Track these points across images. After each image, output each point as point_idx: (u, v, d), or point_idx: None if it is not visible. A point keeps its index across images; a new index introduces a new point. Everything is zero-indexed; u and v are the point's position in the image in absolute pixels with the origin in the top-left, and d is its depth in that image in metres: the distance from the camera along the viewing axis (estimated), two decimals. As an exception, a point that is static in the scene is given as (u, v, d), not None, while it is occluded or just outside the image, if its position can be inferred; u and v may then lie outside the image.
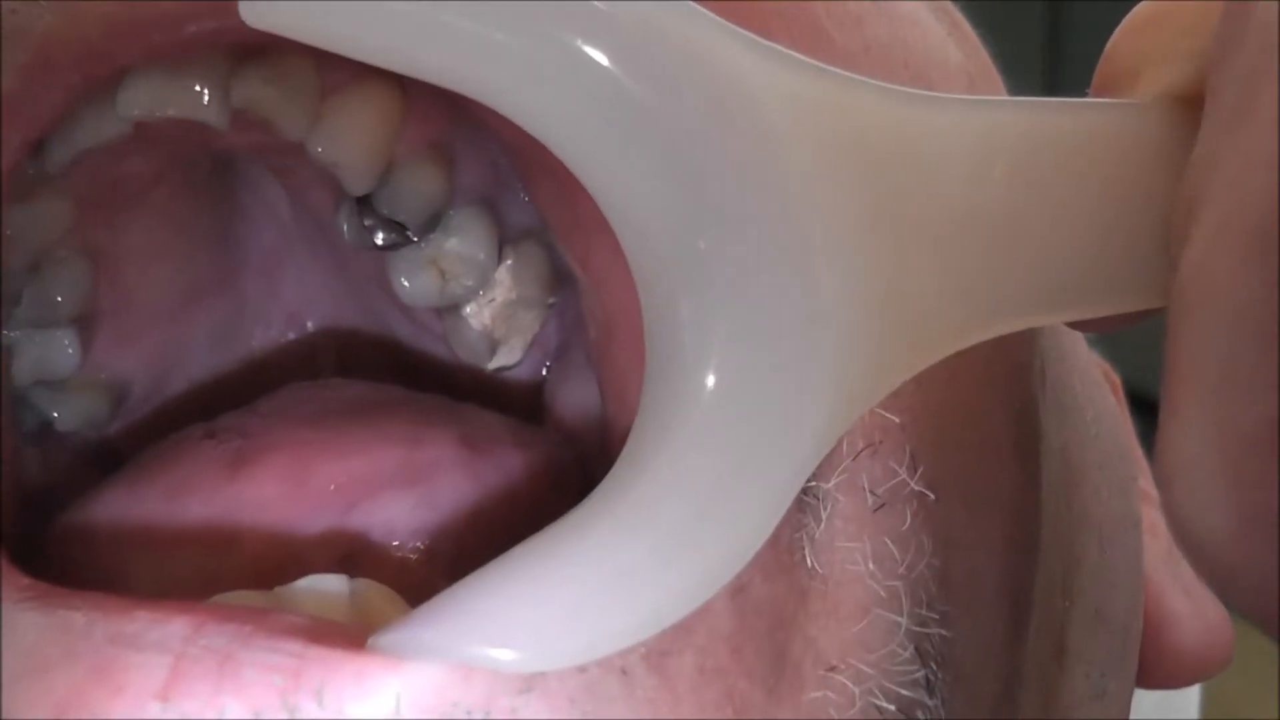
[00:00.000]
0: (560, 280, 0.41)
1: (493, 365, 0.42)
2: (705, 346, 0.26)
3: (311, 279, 0.47)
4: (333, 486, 0.36)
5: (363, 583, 0.31)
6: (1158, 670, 0.46)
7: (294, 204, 0.46)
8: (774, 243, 0.26)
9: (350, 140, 0.36)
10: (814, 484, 0.32)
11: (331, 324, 0.48)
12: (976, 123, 0.28)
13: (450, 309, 0.41)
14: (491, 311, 0.41)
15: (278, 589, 0.31)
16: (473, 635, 0.25)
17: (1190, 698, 0.78)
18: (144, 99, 0.34)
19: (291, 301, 0.48)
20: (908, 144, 0.27)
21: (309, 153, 0.36)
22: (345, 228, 0.40)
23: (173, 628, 0.27)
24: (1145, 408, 0.50)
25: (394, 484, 0.36)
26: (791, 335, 0.26)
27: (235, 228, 0.46)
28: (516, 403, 0.43)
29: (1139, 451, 0.48)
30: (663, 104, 0.25)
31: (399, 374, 0.46)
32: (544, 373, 0.43)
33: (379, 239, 0.39)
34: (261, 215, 0.46)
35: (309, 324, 0.48)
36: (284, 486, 0.36)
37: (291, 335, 0.48)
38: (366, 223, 0.39)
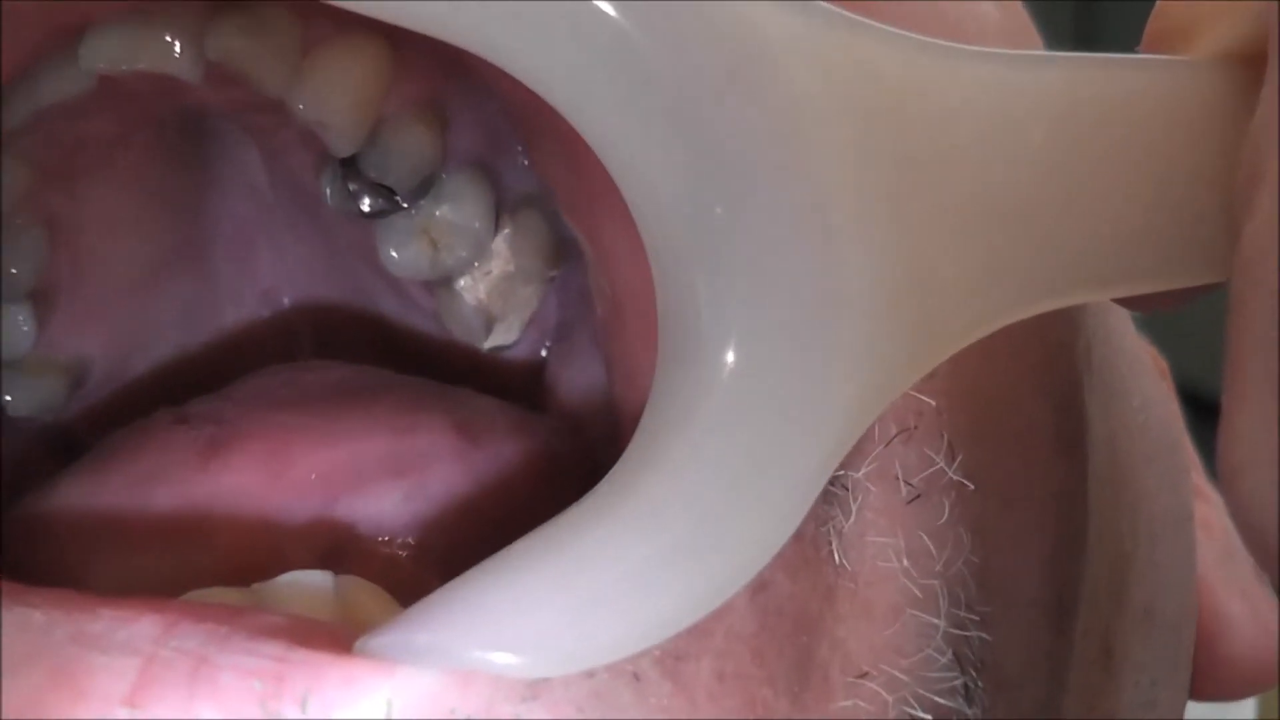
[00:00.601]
0: (563, 251, 0.41)
1: (488, 344, 0.42)
2: (723, 324, 0.26)
3: (289, 251, 0.48)
4: (315, 476, 0.36)
5: (349, 580, 0.31)
6: (1210, 679, 0.47)
7: (271, 168, 0.46)
8: (796, 212, 0.26)
9: (334, 96, 0.36)
10: (843, 473, 0.32)
11: (311, 300, 0.48)
12: (1016, 81, 0.28)
13: (442, 283, 0.41)
14: (487, 285, 0.41)
15: (256, 586, 0.31)
16: (471, 637, 0.25)
17: (1245, 710, 0.78)
18: (110, 51, 0.34)
19: (267, 276, 0.48)
20: (941, 104, 0.27)
21: (290, 110, 0.36)
22: (328, 193, 0.40)
23: (141, 627, 0.27)
24: (1194, 402, 0.51)
25: (382, 474, 0.36)
26: (817, 312, 0.26)
27: (206, 194, 0.46)
28: (514, 386, 0.43)
29: (1189, 443, 0.49)
30: (674, 60, 0.25)
31: (385, 355, 0.46)
32: (544, 353, 0.43)
33: (365, 205, 0.39)
34: (235, 181, 0.46)
35: (286, 300, 0.48)
36: (262, 476, 0.36)
37: (267, 313, 0.48)
38: (351, 188, 0.39)
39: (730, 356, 0.26)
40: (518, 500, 0.37)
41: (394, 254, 0.40)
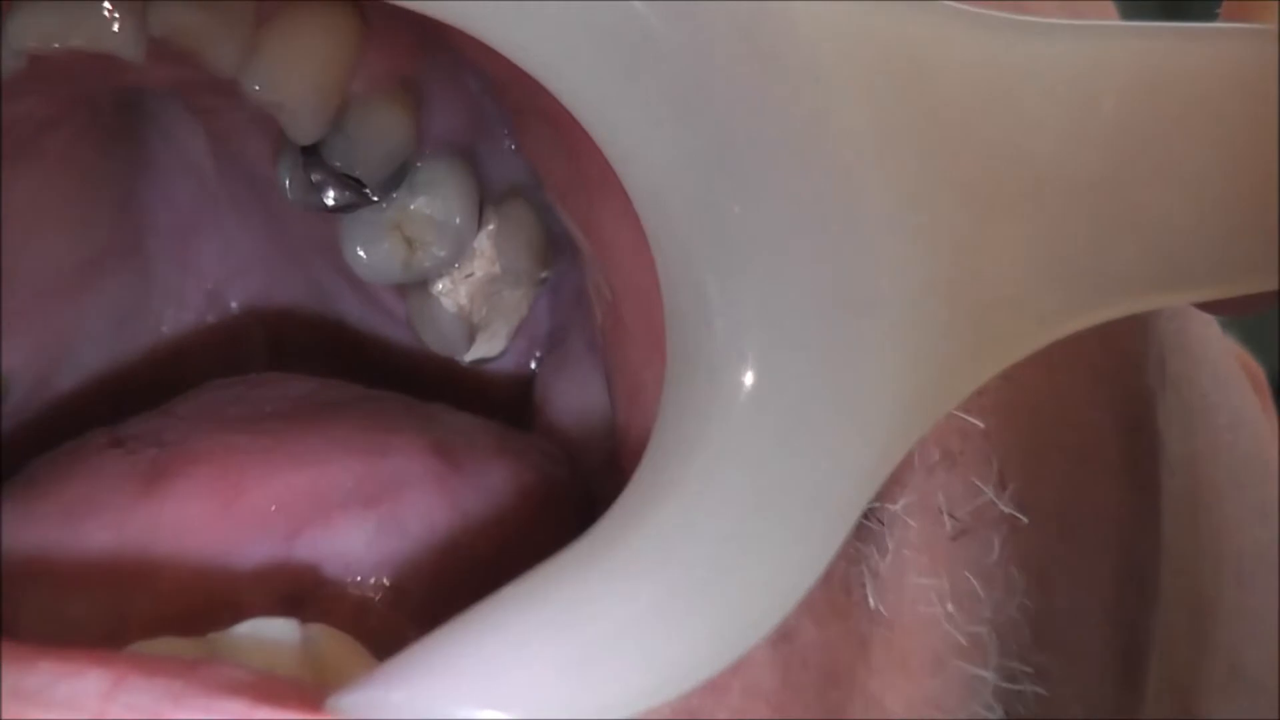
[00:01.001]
0: (556, 249, 0.42)
1: (470, 357, 0.43)
2: (740, 336, 0.26)
3: (237, 246, 0.48)
4: (273, 507, 0.37)
5: (317, 629, 0.32)
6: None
7: (218, 153, 0.46)
8: (821, 205, 0.26)
9: (294, 76, 0.37)
10: (878, 505, 0.33)
11: (263, 303, 0.49)
12: (1080, 54, 0.29)
13: (417, 286, 0.42)
14: (469, 289, 0.42)
15: (212, 636, 0.32)
16: (456, 694, 0.26)
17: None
18: (41, 27, 0.34)
19: (211, 275, 0.49)
20: (990, 80, 0.28)
21: (243, 91, 0.37)
22: (287, 184, 0.41)
23: (86, 683, 0.27)
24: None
25: (350, 504, 0.37)
26: (848, 320, 0.27)
27: (142, 181, 0.47)
28: (499, 403, 0.44)
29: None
30: (680, 32, 0.26)
31: (350, 367, 0.47)
32: (534, 365, 0.44)
33: (329, 198, 0.40)
34: (176, 167, 0.47)
35: (233, 303, 0.49)
36: (212, 506, 0.37)
37: (211, 318, 0.49)
38: (314, 178, 0.40)
39: (748, 373, 0.26)
40: (506, 534, 0.38)
41: (361, 253, 0.41)
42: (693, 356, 0.27)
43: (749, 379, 0.26)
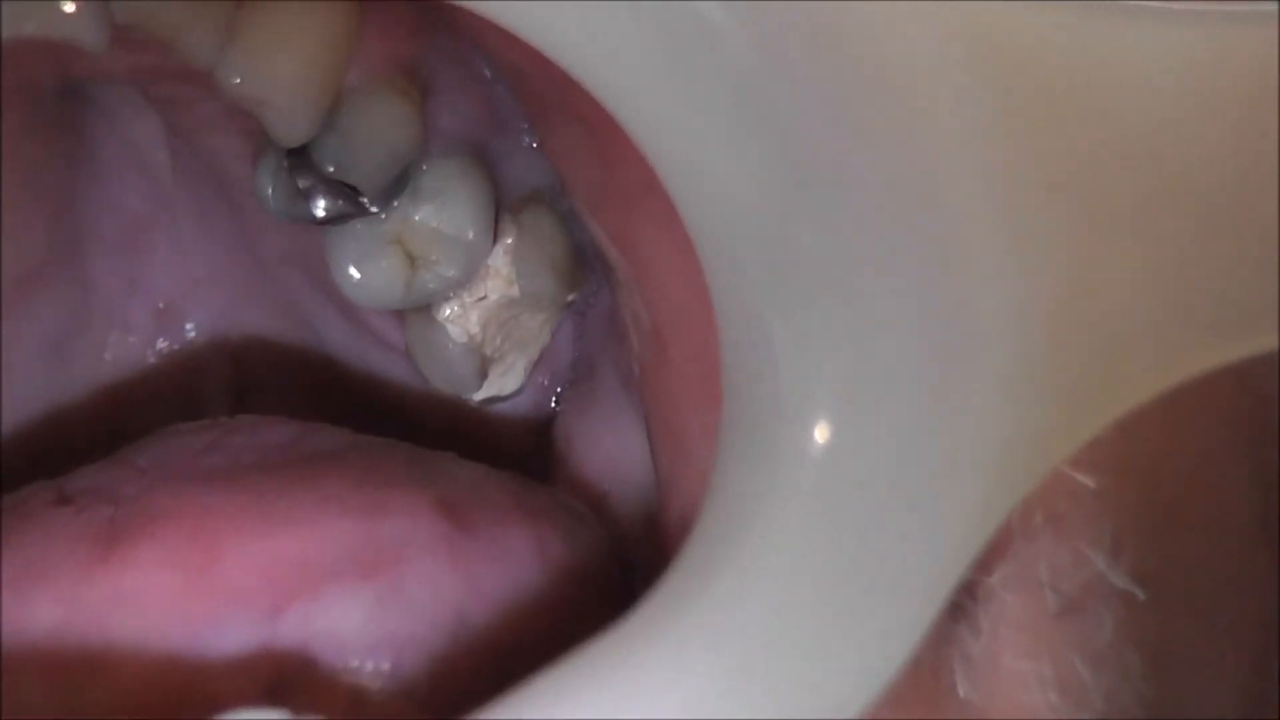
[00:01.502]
0: (584, 267, 0.43)
1: (481, 395, 0.44)
2: (811, 383, 0.27)
3: (197, 260, 0.49)
4: (253, 578, 0.37)
5: (307, 724, 0.33)
6: None
7: (177, 149, 0.47)
8: (910, 231, 0.27)
9: (280, 67, 0.38)
10: (971, 578, 0.33)
11: (227, 329, 0.50)
12: (1201, 41, 0.29)
13: (420, 311, 0.43)
14: (481, 314, 0.43)
15: (183, 733, 0.33)
16: None
17: None
18: (-10, 13, 0.35)
19: (164, 292, 0.50)
20: (1098, 74, 0.28)
21: (220, 85, 0.38)
22: (270, 192, 0.42)
23: None
24: None
25: (343, 573, 0.38)
26: (938, 364, 0.28)
27: (84, 182, 0.48)
28: (517, 451, 0.45)
29: None
30: (748, 27, 0.26)
31: (336, 410, 0.47)
32: (556, 405, 0.46)
33: (318, 208, 0.41)
34: (124, 164, 0.48)
35: (189, 328, 0.50)
36: (180, 577, 0.37)
37: (164, 344, 0.50)
38: (301, 184, 0.40)
39: (821, 426, 0.28)
40: (526, 610, 0.39)
41: (354, 272, 0.42)
42: (755, 404, 0.28)
43: (822, 434, 0.28)
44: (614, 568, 0.41)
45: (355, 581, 0.38)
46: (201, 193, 0.48)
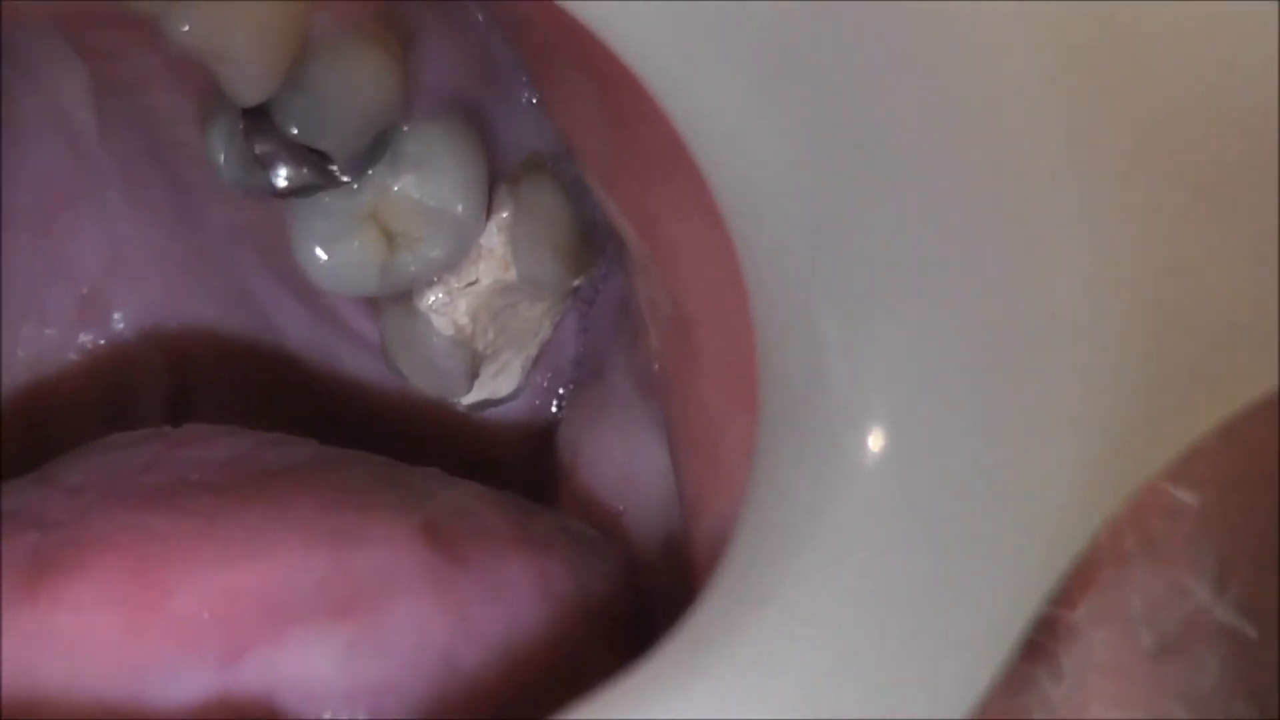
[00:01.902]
0: (593, 247, 0.44)
1: (470, 399, 0.45)
2: (866, 387, 0.29)
3: (128, 239, 0.51)
4: (207, 615, 0.38)
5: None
6: None
7: (107, 109, 0.48)
8: (982, 212, 0.28)
9: (236, 11, 0.38)
10: (1051, 612, 0.34)
11: (163, 320, 0.51)
12: None
13: (398, 300, 0.44)
14: (472, 303, 0.44)
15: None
16: None
17: None
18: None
19: (87, 276, 0.51)
20: (1195, 31, 0.29)
21: (165, 33, 0.39)
22: (221, 159, 0.43)
23: None
24: None
25: (311, 612, 0.39)
26: (1011, 363, 0.29)
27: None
28: (513, 465, 0.46)
29: None
30: None
31: (296, 417, 0.49)
32: (557, 408, 0.47)
33: (280, 178, 0.42)
34: (41, 126, 0.49)
35: (118, 318, 0.51)
36: (121, 615, 0.38)
37: (88, 338, 0.51)
38: (259, 150, 0.42)
39: (876, 436, 0.29)
40: (527, 653, 0.40)
41: (321, 253, 0.43)
42: (800, 411, 0.30)
43: (877, 444, 0.29)
44: (630, 602, 0.42)
45: (326, 621, 0.39)
46: (134, 159, 0.49)
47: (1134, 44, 0.29)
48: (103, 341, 0.51)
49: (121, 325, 0.51)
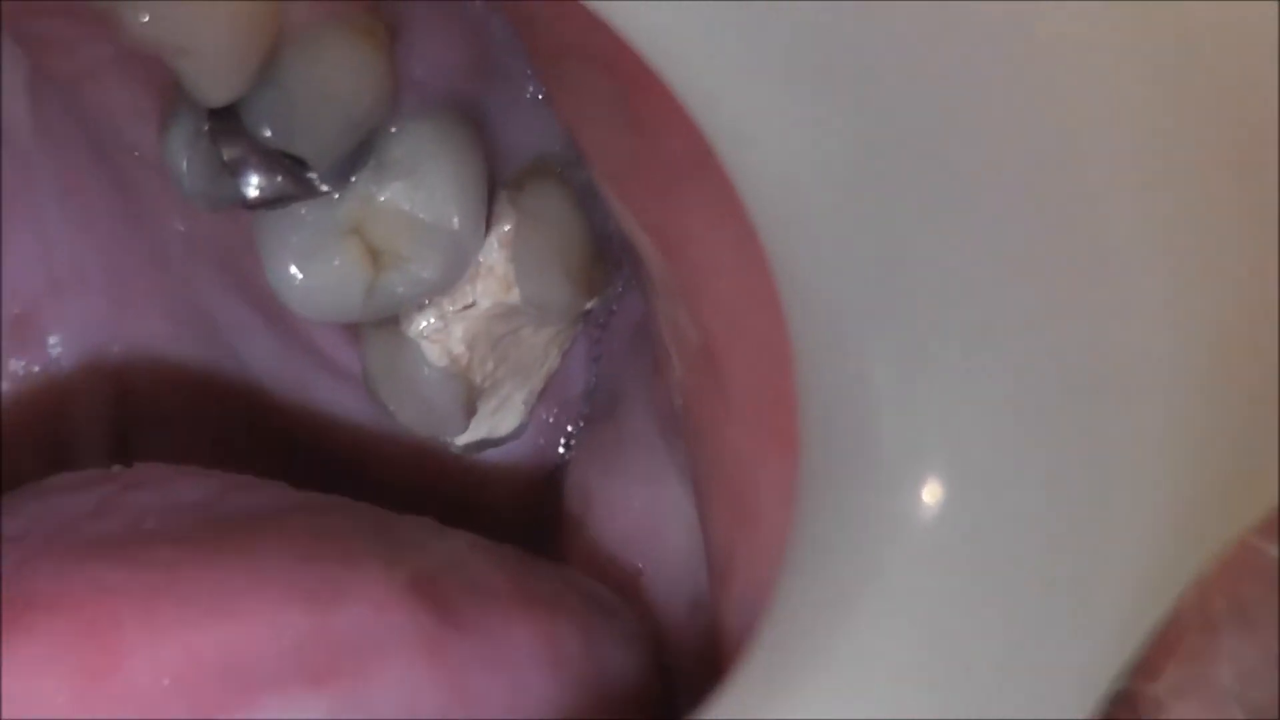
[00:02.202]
0: (606, 264, 0.45)
1: (466, 439, 0.46)
2: (922, 436, 0.29)
3: (67, 253, 0.52)
4: (167, 681, 0.39)
5: None
6: None
7: (43, 105, 0.49)
8: (1047, 231, 0.29)
9: (203, 2, 0.39)
10: (1129, 687, 0.34)
11: (106, 345, 0.52)
12: None
13: (383, 326, 0.45)
14: (469, 329, 0.45)
15: None
16: None
17: None
18: None
19: (19, 294, 0.52)
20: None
21: (122, 25, 0.39)
22: (184, 166, 0.44)
23: None
24: None
25: (286, 680, 0.40)
26: (1077, 405, 0.29)
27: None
28: (514, 514, 0.47)
29: None
30: None
31: (261, 457, 0.49)
32: (563, 450, 0.48)
33: (250, 187, 0.43)
34: None
35: (54, 343, 0.52)
36: (70, 682, 0.39)
37: (20, 363, 0.52)
38: (228, 155, 0.42)
39: (933, 490, 0.30)
40: None
41: (296, 272, 0.44)
42: (847, 460, 0.30)
43: (932, 495, 0.30)
44: (649, 675, 0.43)
45: (303, 689, 0.40)
46: (75, 161, 0.50)
47: (1217, 70, 0.30)
48: (37, 369, 0.52)
49: (59, 350, 0.51)
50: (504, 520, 0.46)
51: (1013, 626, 0.30)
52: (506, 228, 0.45)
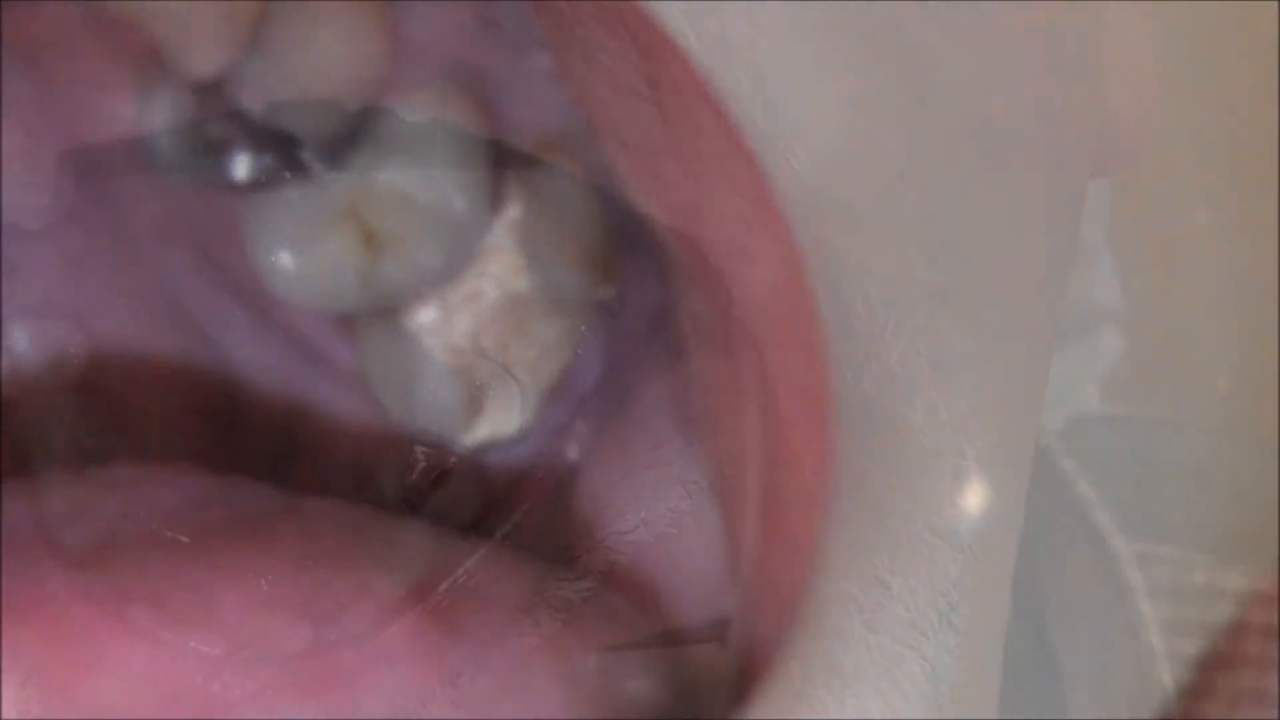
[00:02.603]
0: (623, 248, 0.46)
1: (471, 439, 0.47)
2: (964, 432, 0.31)
3: (24, 237, 0.51)
4: (142, 694, 0.40)
5: None
6: None
7: None
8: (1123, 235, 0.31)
9: None
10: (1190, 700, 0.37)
11: (68, 337, 0.52)
12: None
13: (379, 316, 0.46)
14: (474, 321, 0.46)
15: None
16: None
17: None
18: None
19: None
20: None
21: None
22: (163, 144, 0.45)
23: None
24: None
25: (275, 692, 0.41)
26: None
27: None
28: (522, 520, 0.48)
29: None
30: None
31: (243, 458, 0.51)
32: (575, 454, 0.49)
33: (237, 167, 0.44)
34: None
35: (19, 338, 0.52)
36: (38, 699, 0.40)
37: None
38: (212, 133, 0.44)
39: (973, 490, 0.31)
40: None
41: (286, 258, 0.45)
42: (887, 459, 0.32)
43: (975, 500, 0.31)
44: (670, 694, 0.43)
45: (296, 703, 0.41)
46: (30, 130, 0.50)
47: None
48: None
49: (23, 345, 0.52)
50: (511, 526, 0.47)
51: (1050, 630, 0.32)
52: (514, 211, 0.46)
